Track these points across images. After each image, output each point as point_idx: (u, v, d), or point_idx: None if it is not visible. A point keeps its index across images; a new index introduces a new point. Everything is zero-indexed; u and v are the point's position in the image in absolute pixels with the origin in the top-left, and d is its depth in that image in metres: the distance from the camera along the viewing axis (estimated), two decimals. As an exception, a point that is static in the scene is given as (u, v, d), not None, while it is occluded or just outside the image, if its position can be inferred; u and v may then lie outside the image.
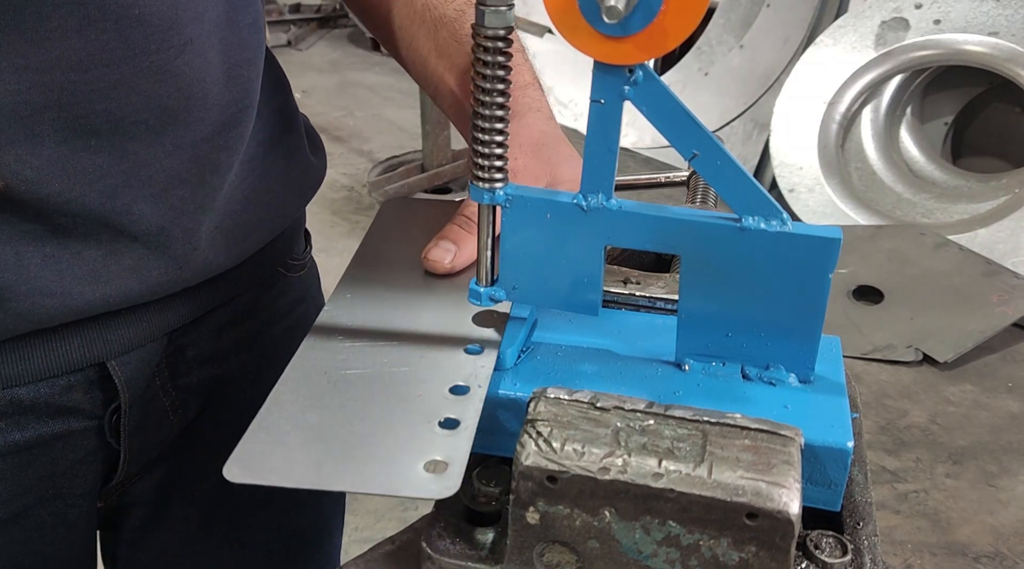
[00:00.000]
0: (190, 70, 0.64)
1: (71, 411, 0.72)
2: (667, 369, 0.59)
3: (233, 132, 0.71)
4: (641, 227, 0.55)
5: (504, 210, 0.57)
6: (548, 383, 0.53)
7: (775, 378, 0.57)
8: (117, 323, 0.71)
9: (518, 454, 0.48)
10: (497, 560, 0.51)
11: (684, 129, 0.52)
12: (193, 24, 0.63)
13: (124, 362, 0.73)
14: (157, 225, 0.67)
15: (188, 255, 0.71)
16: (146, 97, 0.62)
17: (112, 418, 0.75)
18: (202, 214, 0.71)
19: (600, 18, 0.47)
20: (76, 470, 0.75)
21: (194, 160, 0.68)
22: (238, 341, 0.84)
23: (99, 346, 0.70)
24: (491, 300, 0.60)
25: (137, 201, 0.65)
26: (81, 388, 0.72)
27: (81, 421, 0.73)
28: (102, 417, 0.74)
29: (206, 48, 0.65)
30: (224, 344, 0.83)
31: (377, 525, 2.25)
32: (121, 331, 0.71)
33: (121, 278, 0.67)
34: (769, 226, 0.53)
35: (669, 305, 0.67)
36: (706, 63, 4.09)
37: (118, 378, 0.73)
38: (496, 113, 0.54)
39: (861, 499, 0.56)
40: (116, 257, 0.66)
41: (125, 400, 0.74)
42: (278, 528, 0.96)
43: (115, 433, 0.76)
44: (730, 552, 0.47)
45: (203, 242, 0.72)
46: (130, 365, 0.73)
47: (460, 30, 0.76)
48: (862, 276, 2.92)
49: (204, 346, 0.81)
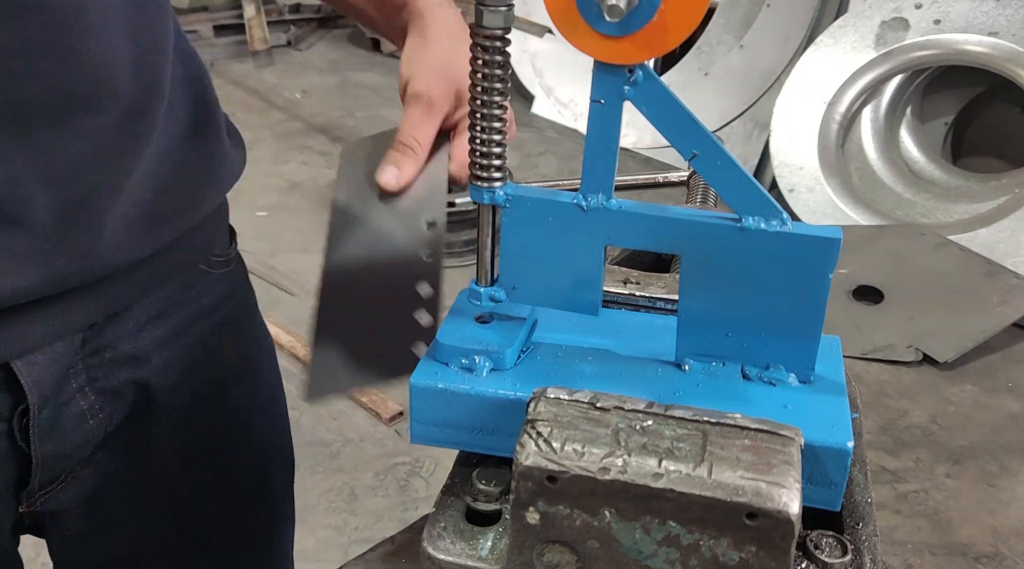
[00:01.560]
0: (94, 55, 0.63)
1: None
2: (667, 369, 0.59)
3: (143, 120, 0.69)
4: (641, 227, 0.55)
5: (504, 210, 0.57)
6: (548, 383, 0.53)
7: (775, 378, 0.57)
8: (20, 319, 0.67)
9: (518, 454, 0.48)
10: (497, 560, 0.51)
11: (684, 129, 0.52)
12: (96, 8, 0.63)
13: (31, 362, 0.70)
14: (58, 214, 0.65)
15: (92, 246, 0.68)
16: (49, 83, 0.61)
17: (22, 421, 0.72)
18: (107, 203, 0.68)
19: (600, 18, 0.47)
20: None
21: (100, 147, 0.66)
22: (159, 340, 0.81)
23: (1, 345, 0.67)
24: (491, 300, 0.60)
25: (38, 189, 0.63)
26: None
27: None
28: (9, 419, 0.71)
29: (111, 32, 0.64)
30: (144, 344, 0.79)
31: (377, 525, 2.25)
32: (25, 328, 0.68)
33: (20, 270, 0.64)
34: (769, 226, 0.53)
35: (669, 305, 0.67)
36: (706, 63, 4.09)
37: (24, 379, 0.69)
38: (495, 113, 0.54)
39: (861, 499, 0.56)
40: (13, 247, 0.64)
41: (34, 403, 0.71)
42: (225, 522, 0.94)
43: (24, 437, 0.73)
44: (730, 552, 0.47)
45: (108, 233, 0.69)
46: (37, 365, 0.70)
47: None
48: (862, 276, 2.92)
49: (123, 346, 0.78)
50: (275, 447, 0.98)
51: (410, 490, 2.37)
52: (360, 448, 2.52)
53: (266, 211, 3.88)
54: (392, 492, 2.37)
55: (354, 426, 2.59)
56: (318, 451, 2.48)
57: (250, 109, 5.01)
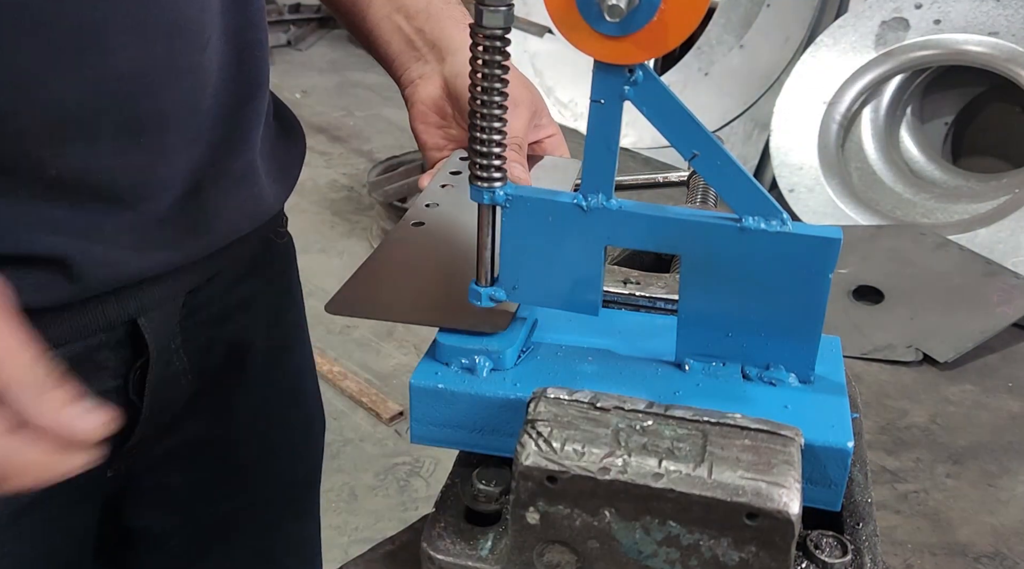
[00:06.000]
0: (210, 63, 0.71)
1: (100, 369, 0.75)
2: (667, 369, 0.59)
3: (246, 109, 0.77)
4: (641, 227, 0.55)
5: (504, 210, 0.57)
6: (548, 383, 0.53)
7: (775, 378, 0.57)
8: (146, 282, 0.75)
9: (518, 454, 0.48)
10: (497, 560, 0.51)
11: (684, 129, 0.52)
12: (211, 21, 0.71)
13: (151, 318, 0.76)
14: (185, 205, 0.74)
15: (215, 226, 0.77)
16: (182, 94, 0.69)
17: (135, 375, 0.78)
18: (222, 190, 0.77)
19: (600, 18, 0.47)
20: None
21: (214, 143, 0.74)
22: (241, 301, 0.87)
23: (133, 304, 0.74)
24: (491, 300, 0.60)
25: (169, 187, 0.72)
26: (110, 346, 0.75)
27: (107, 380, 0.76)
28: (126, 375, 0.77)
29: (218, 39, 0.72)
30: (229, 304, 0.86)
31: (377, 525, 2.25)
32: (149, 289, 0.75)
33: (161, 250, 0.73)
34: (769, 226, 0.53)
35: (669, 305, 0.67)
36: (706, 63, 4.09)
37: (148, 333, 0.76)
38: (495, 112, 0.54)
39: (861, 499, 0.56)
40: (157, 232, 0.72)
41: (153, 355, 0.77)
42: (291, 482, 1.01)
43: (138, 391, 0.78)
44: (730, 552, 0.47)
45: (223, 212, 0.78)
46: (155, 322, 0.77)
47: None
48: (862, 276, 2.92)
49: (213, 307, 0.84)
50: (319, 408, 1.06)
51: (410, 490, 2.37)
52: (360, 448, 2.52)
53: (266, 211, 3.88)
54: (392, 492, 2.37)
55: (354, 426, 2.59)
56: (318, 451, 2.48)
57: (250, 109, 5.01)
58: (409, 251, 0.72)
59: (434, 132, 0.86)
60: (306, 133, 0.93)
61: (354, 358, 2.89)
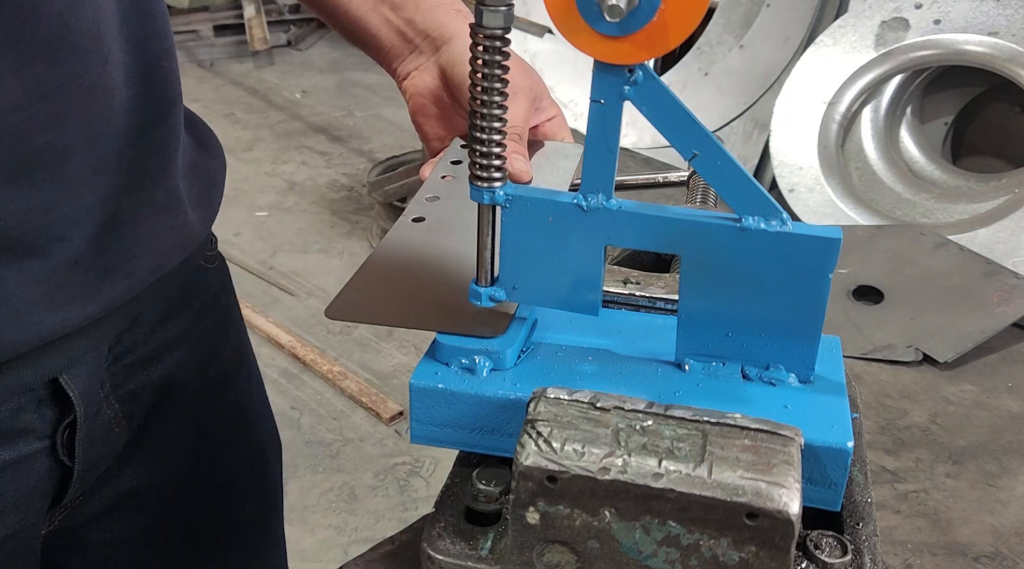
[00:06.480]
0: (112, 81, 0.64)
1: (23, 433, 0.69)
2: (667, 369, 0.59)
3: (162, 128, 0.71)
4: (641, 227, 0.55)
5: (504, 210, 0.57)
6: (548, 383, 0.53)
7: (775, 378, 0.57)
8: (68, 336, 0.68)
9: (518, 454, 0.48)
10: (497, 560, 0.51)
11: (684, 129, 0.52)
12: (109, 33, 0.63)
13: (74, 374, 0.71)
14: (102, 244, 0.67)
15: (139, 264, 0.71)
16: (82, 120, 0.62)
17: (63, 435, 0.72)
18: (143, 222, 0.70)
19: (600, 18, 0.47)
20: (28, 497, 0.72)
21: (127, 170, 0.67)
22: (170, 340, 0.82)
23: (52, 363, 0.68)
24: (491, 300, 0.60)
25: (79, 225, 0.65)
26: (31, 408, 0.69)
27: (32, 443, 0.70)
28: (53, 435, 0.72)
29: (120, 52, 0.65)
30: (157, 345, 0.81)
31: (377, 525, 2.25)
32: (70, 343, 0.69)
33: (77, 301, 0.66)
34: (769, 226, 0.53)
35: (669, 305, 0.67)
36: (706, 63, 4.09)
37: (72, 391, 0.70)
38: (495, 112, 0.54)
39: (861, 499, 0.56)
40: (68, 281, 0.65)
41: (80, 411, 0.72)
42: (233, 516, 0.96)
43: (67, 450, 0.73)
44: (730, 552, 0.47)
45: (147, 248, 0.71)
46: (80, 377, 0.71)
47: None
48: (862, 276, 2.92)
49: (140, 350, 0.79)
50: (270, 436, 1.01)
51: (410, 490, 2.37)
52: (360, 448, 2.52)
53: (266, 211, 3.89)
54: (392, 492, 2.37)
55: (354, 426, 2.59)
56: (318, 451, 2.48)
57: (250, 109, 5.01)
58: (408, 251, 0.71)
59: (434, 123, 0.84)
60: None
61: (354, 358, 2.89)
